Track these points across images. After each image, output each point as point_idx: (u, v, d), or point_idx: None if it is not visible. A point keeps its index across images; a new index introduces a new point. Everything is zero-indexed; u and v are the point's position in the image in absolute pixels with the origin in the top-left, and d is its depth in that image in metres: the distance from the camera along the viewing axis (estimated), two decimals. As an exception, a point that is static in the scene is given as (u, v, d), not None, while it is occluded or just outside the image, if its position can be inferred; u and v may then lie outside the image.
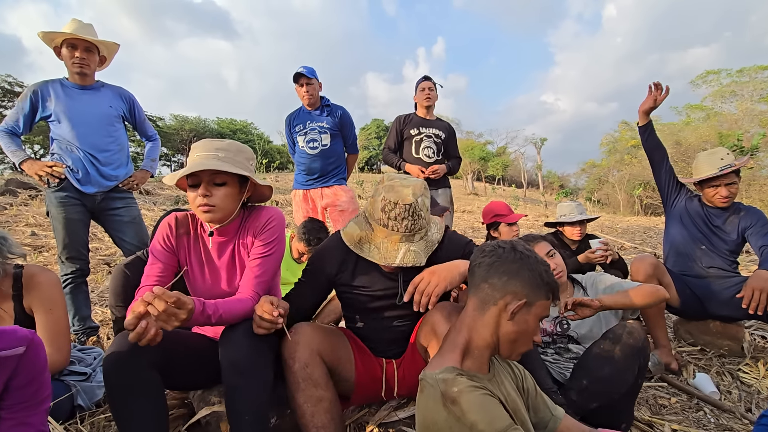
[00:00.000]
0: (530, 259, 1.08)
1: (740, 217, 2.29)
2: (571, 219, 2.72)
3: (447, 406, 0.94)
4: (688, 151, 21.67)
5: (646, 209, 23.85)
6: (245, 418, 1.19)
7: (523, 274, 1.05)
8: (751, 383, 2.07)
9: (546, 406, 1.21)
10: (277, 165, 18.81)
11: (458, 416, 0.92)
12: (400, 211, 1.30)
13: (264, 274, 1.41)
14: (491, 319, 1.06)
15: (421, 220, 1.34)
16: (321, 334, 1.39)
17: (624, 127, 33.25)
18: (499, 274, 1.07)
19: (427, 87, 3.27)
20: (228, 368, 1.22)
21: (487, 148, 44.70)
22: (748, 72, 25.80)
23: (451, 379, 0.98)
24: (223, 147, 1.35)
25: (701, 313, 2.35)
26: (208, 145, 1.35)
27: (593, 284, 1.83)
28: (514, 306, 1.03)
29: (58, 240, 2.33)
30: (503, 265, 1.07)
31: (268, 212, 1.48)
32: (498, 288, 1.06)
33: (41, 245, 4.51)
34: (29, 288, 1.52)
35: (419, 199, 1.33)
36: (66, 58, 2.31)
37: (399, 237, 1.33)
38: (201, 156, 1.33)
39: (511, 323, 1.05)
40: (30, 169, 2.24)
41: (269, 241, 1.43)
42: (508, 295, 1.05)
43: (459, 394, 0.95)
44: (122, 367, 1.15)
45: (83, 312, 2.42)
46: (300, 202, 3.20)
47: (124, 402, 1.16)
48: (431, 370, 1.05)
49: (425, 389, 1.02)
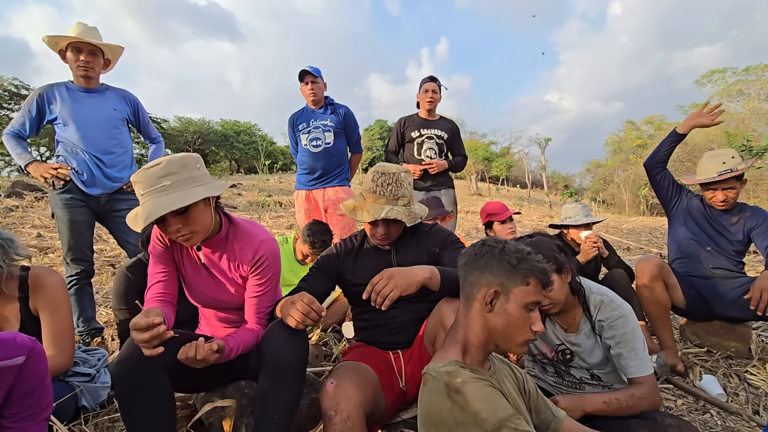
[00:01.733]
0: (496, 249, 1.10)
1: (746, 217, 2.26)
2: (577, 222, 2.69)
3: (451, 396, 0.97)
4: (694, 150, 21.49)
5: (652, 209, 23.68)
6: (275, 417, 1.22)
7: (492, 264, 1.08)
8: (759, 385, 2.04)
9: (547, 408, 1.21)
10: (280, 166, 18.86)
11: (462, 405, 0.95)
12: (386, 179, 1.54)
13: (265, 308, 1.47)
14: (476, 314, 1.10)
15: (404, 189, 1.55)
16: (362, 384, 1.37)
17: (629, 126, 33.09)
18: (471, 269, 1.12)
19: (431, 89, 3.23)
20: (271, 365, 1.25)
21: (491, 149, 44.58)
22: (755, 71, 25.61)
23: (454, 371, 1.01)
24: (165, 172, 1.23)
25: (707, 314, 2.33)
26: (148, 178, 1.23)
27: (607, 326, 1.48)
28: (490, 297, 1.06)
29: (63, 241, 2.35)
30: (475, 260, 1.12)
31: (258, 246, 1.42)
32: (474, 283, 1.10)
33: (47, 247, 4.55)
34: (35, 289, 1.53)
35: (402, 174, 1.56)
36: (71, 61, 2.33)
37: (385, 200, 1.53)
38: (147, 194, 1.23)
39: (494, 315, 1.07)
40: (35, 171, 2.26)
41: (264, 280, 1.44)
42: (482, 288, 1.08)
43: (463, 384, 0.97)
44: (135, 368, 1.17)
45: (88, 313, 2.44)
46: (302, 203, 3.20)
47: (134, 403, 1.17)
48: (433, 364, 1.08)
49: (429, 382, 1.04)
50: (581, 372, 1.59)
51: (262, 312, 1.45)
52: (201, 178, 1.31)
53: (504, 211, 2.79)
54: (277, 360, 1.24)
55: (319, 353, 2.25)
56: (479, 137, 48.81)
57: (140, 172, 1.24)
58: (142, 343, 1.10)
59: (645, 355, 1.45)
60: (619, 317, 1.45)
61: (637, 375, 1.42)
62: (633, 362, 1.42)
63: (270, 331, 1.32)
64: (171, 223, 1.26)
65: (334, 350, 2.35)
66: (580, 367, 1.57)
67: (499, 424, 0.91)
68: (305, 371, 1.35)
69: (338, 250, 1.71)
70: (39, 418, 1.05)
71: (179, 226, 1.27)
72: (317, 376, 1.94)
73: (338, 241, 1.76)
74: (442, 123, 3.32)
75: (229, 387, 1.53)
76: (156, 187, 1.22)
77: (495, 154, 43.78)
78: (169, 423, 1.23)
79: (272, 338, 1.29)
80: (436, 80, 3.28)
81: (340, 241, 1.76)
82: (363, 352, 1.62)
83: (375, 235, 1.58)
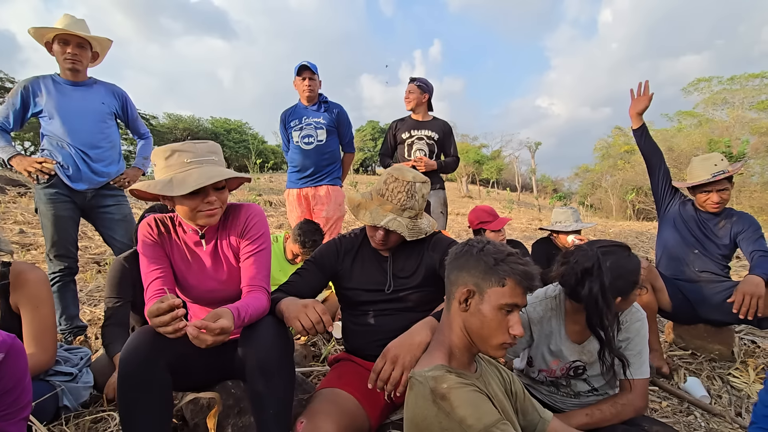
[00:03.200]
0: (475, 248, 1.09)
1: (732, 222, 2.30)
2: (567, 228, 2.70)
3: (437, 402, 0.96)
4: (680, 157, 21.95)
5: (639, 214, 24.08)
6: (270, 412, 1.21)
7: (469, 264, 1.07)
8: (741, 387, 2.08)
9: (534, 409, 1.21)
10: (271, 165, 18.72)
11: (448, 412, 0.94)
12: (398, 185, 1.47)
13: (262, 269, 1.42)
14: (455, 314, 1.09)
15: (414, 202, 1.47)
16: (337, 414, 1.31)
17: (617, 132, 33.61)
18: (452, 268, 1.12)
19: (408, 90, 3.27)
20: (254, 365, 1.22)
21: (481, 152, 44.90)
22: (739, 80, 26.25)
23: (440, 376, 1.00)
24: (213, 150, 1.34)
25: (693, 318, 2.37)
26: (198, 150, 1.31)
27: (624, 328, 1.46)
28: (465, 296, 1.06)
29: (46, 237, 2.30)
30: (456, 259, 1.12)
31: (246, 210, 1.46)
32: (453, 282, 1.10)
33: (29, 243, 4.45)
34: (16, 285, 1.49)
35: (418, 184, 1.47)
36: (57, 54, 2.28)
37: (391, 207, 1.47)
38: (197, 162, 1.29)
39: (469, 315, 1.06)
40: (19, 165, 2.21)
41: (256, 237, 1.42)
42: (460, 287, 1.08)
43: (448, 390, 0.96)
44: (141, 365, 1.15)
45: (71, 311, 2.39)
46: (294, 202, 3.17)
47: (137, 399, 1.15)
48: (420, 369, 1.07)
49: (414, 386, 1.03)
50: (583, 384, 1.54)
51: (262, 273, 1.41)
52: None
53: (496, 219, 2.77)
54: (257, 359, 1.22)
55: (307, 353, 2.23)
56: (470, 140, 49.17)
57: (187, 144, 1.30)
58: (163, 325, 1.08)
59: (646, 360, 1.46)
60: (638, 321, 1.47)
61: (633, 377, 1.42)
62: (634, 365, 1.43)
63: (244, 333, 1.30)
64: (211, 193, 1.31)
65: (323, 350, 2.34)
66: (587, 378, 1.53)
67: (485, 430, 0.91)
68: (291, 362, 1.32)
69: (338, 247, 1.65)
70: (17, 418, 1.02)
71: (215, 198, 1.31)
72: (305, 377, 1.93)
73: (339, 236, 1.71)
74: (434, 123, 3.31)
75: (216, 387, 1.50)
76: (206, 158, 1.31)
77: (486, 157, 44.11)
78: (166, 421, 1.21)
79: (247, 339, 1.27)
80: (414, 80, 3.29)
81: (341, 236, 1.70)
82: (342, 373, 1.55)
83: (374, 237, 1.53)
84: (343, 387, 1.45)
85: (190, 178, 1.25)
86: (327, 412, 1.30)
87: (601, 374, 1.47)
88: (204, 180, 1.24)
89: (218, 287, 1.46)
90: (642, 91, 2.47)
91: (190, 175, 1.25)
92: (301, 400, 1.53)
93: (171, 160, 1.28)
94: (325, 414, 1.30)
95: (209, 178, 1.24)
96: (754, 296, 1.92)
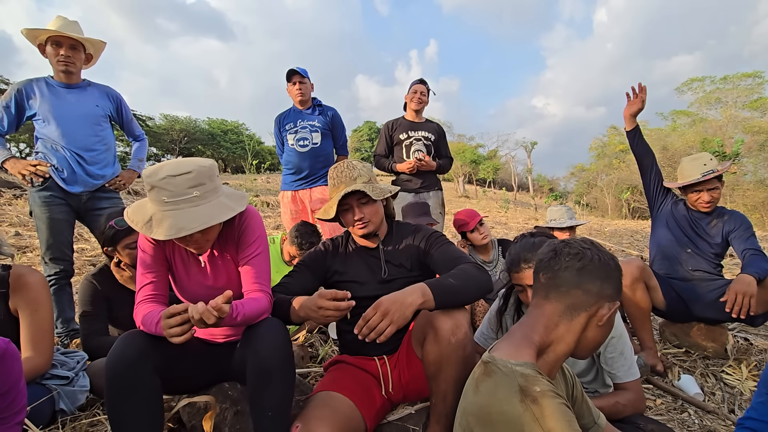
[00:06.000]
0: (615, 259, 1.04)
1: (724, 221, 2.33)
2: (561, 224, 2.76)
3: (525, 402, 0.87)
4: (674, 156, 22.07)
5: (634, 213, 24.18)
6: (268, 414, 1.21)
7: (613, 276, 1.01)
8: (734, 385, 2.10)
9: (590, 413, 1.16)
10: (268, 166, 18.65)
11: (537, 417, 0.86)
12: (338, 169, 1.58)
13: (261, 272, 1.42)
14: (579, 325, 1.01)
15: (357, 171, 1.56)
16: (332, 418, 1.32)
17: (612, 131, 33.74)
18: (592, 278, 1.01)
19: (420, 91, 3.26)
20: (255, 367, 1.22)
21: (478, 152, 44.96)
22: (732, 79, 26.41)
23: (532, 377, 0.91)
24: (195, 182, 1.19)
25: (686, 316, 2.39)
26: (176, 186, 1.16)
27: None
28: (609, 311, 1.00)
29: (41, 240, 2.29)
30: (596, 269, 1.01)
31: (241, 213, 1.41)
32: (593, 293, 1.00)
33: (25, 246, 4.42)
34: (16, 289, 1.49)
35: (353, 161, 1.60)
36: (51, 56, 2.27)
37: (344, 185, 1.54)
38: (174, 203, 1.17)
39: (599, 328, 1.01)
40: (13, 168, 2.20)
41: (252, 241, 1.42)
42: (602, 300, 1.00)
43: (542, 395, 0.88)
44: (129, 369, 1.14)
45: (67, 314, 2.38)
46: (288, 204, 3.17)
47: (125, 404, 1.14)
48: (501, 356, 0.97)
49: (495, 375, 0.94)
50: None
51: (262, 276, 1.40)
52: (220, 185, 1.31)
53: (471, 219, 2.81)
54: (263, 359, 1.23)
55: (304, 354, 2.24)
56: (467, 140, 49.26)
57: (166, 178, 1.15)
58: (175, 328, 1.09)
59: (632, 359, 1.46)
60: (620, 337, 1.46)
61: (625, 380, 1.43)
62: (621, 367, 1.44)
63: (252, 331, 1.30)
64: (194, 236, 1.24)
65: (320, 351, 2.34)
66: None
67: None
68: (292, 365, 1.31)
69: (326, 248, 1.69)
70: (12, 422, 1.02)
71: (199, 236, 1.26)
72: (303, 378, 1.93)
73: (324, 240, 1.75)
74: (429, 125, 3.36)
75: (213, 389, 1.51)
76: (185, 197, 1.18)
77: (482, 156, 44.14)
78: (157, 424, 1.20)
79: (256, 337, 1.28)
80: (425, 83, 3.31)
81: (327, 240, 1.75)
82: (337, 376, 1.56)
83: (355, 225, 1.55)
84: (338, 389, 1.46)
85: (165, 222, 1.17)
86: (322, 417, 1.31)
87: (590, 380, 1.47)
88: (173, 232, 1.15)
89: (218, 292, 1.46)
90: (637, 94, 2.49)
91: (165, 219, 1.17)
92: (298, 401, 1.53)
93: (152, 195, 1.20)
94: (319, 419, 1.30)
95: (179, 230, 1.15)
96: (747, 295, 1.94)
